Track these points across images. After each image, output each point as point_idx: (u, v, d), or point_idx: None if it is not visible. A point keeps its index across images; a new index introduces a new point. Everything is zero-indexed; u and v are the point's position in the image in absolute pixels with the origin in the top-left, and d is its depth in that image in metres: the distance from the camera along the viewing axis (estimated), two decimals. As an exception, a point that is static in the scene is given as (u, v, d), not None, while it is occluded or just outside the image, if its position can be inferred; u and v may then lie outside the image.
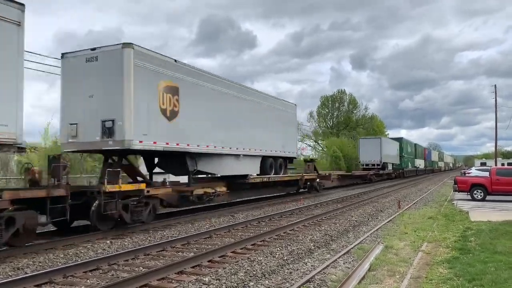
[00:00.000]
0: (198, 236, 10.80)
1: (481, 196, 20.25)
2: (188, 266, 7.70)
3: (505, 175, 20.05)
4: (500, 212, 15.77)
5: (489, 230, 11.27)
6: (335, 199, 22.68)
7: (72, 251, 9.21)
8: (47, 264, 8.13)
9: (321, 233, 11.46)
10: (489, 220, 13.02)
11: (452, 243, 9.78)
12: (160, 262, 8.28)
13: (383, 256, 8.62)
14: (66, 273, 7.17)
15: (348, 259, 8.55)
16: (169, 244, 9.76)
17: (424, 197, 24.22)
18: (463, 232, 11.22)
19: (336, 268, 7.83)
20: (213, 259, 8.35)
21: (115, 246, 9.88)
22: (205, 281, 6.80)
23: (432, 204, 19.93)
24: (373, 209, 17.57)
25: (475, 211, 16.04)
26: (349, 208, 17.91)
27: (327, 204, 19.95)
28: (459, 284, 6.42)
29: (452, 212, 15.72)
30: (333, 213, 16.08)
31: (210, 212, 15.83)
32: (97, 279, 7.09)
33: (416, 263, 8.01)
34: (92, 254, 8.96)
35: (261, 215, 15.58)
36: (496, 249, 8.79)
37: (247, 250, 9.36)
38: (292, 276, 7.25)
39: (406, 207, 18.37)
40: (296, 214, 16.17)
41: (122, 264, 8.07)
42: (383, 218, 14.84)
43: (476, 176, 23.01)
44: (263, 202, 19.85)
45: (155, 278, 6.91)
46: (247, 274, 7.21)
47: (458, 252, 8.74)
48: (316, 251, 9.41)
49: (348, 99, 74.79)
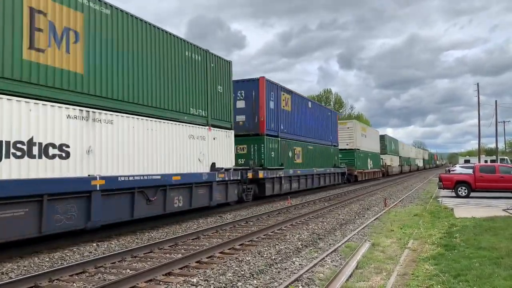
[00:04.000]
0: (185, 237, 10.75)
1: (465, 193, 20.59)
2: (176, 268, 7.66)
3: (488, 172, 20.41)
4: (484, 208, 16.03)
5: (473, 226, 11.45)
6: (322, 197, 22.81)
7: (57, 254, 9.08)
8: (32, 268, 8.00)
9: (308, 232, 11.51)
10: (473, 217, 13.23)
11: (437, 239, 9.92)
12: (147, 264, 8.23)
13: (370, 254, 8.70)
14: (51, 277, 7.06)
15: (336, 257, 8.60)
16: (157, 245, 9.70)
17: (410, 195, 24.50)
18: (448, 228, 11.38)
19: (324, 266, 7.87)
20: (201, 260, 8.33)
21: (101, 248, 9.78)
22: (193, 282, 6.78)
23: (417, 202, 20.19)
24: (360, 208, 17.71)
25: (459, 207, 16.28)
26: (336, 207, 18.03)
27: (314, 203, 20.05)
28: (444, 280, 6.51)
29: (437, 209, 15.94)
30: (320, 211, 16.17)
31: (197, 213, 15.78)
32: (84, 282, 7.01)
33: (403, 260, 8.10)
34: (78, 257, 8.85)
35: (248, 215, 15.59)
36: (480, 245, 8.94)
37: (235, 250, 9.36)
38: (280, 275, 7.27)
39: (392, 205, 18.57)
40: (284, 213, 16.21)
41: (109, 267, 7.99)
42: (370, 216, 14.97)
43: (460, 173, 23.36)
44: (253, 202, 19.83)
45: (142, 280, 6.86)
46: (235, 274, 7.20)
47: (444, 248, 8.86)
48: (303, 250, 9.44)
49: (334, 99, 75.45)
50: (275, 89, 21.81)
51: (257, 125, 20.54)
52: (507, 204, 16.76)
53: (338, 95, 77.15)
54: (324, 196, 24.29)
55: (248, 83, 20.82)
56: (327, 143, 30.79)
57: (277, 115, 21.96)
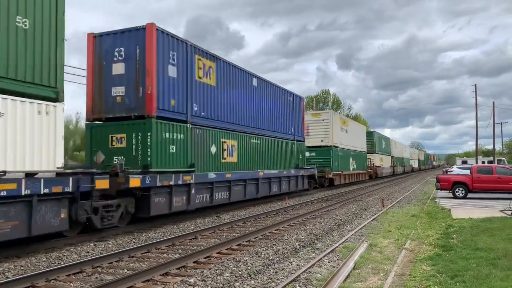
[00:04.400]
0: (183, 237, 10.74)
1: (462, 194, 20.64)
2: (174, 268, 7.65)
3: (485, 173, 20.46)
4: (481, 209, 16.07)
5: (470, 227, 11.47)
6: (320, 198, 22.81)
7: (54, 254, 9.06)
8: (29, 268, 7.98)
9: (306, 233, 11.52)
10: (470, 217, 13.25)
11: (434, 240, 9.93)
12: (145, 264, 8.22)
13: (368, 255, 8.71)
14: (48, 277, 7.05)
15: (333, 257, 8.61)
16: (154, 245, 9.68)
17: (408, 196, 24.55)
18: (445, 229, 11.40)
19: (321, 267, 7.87)
20: (199, 260, 8.32)
21: (99, 248, 9.76)
22: (191, 282, 6.77)
23: (415, 202, 20.22)
24: (358, 208, 17.73)
25: (457, 208, 16.32)
26: (334, 207, 18.04)
27: (312, 203, 20.05)
28: (441, 280, 6.52)
29: (435, 210, 15.97)
30: (318, 212, 16.18)
31: (195, 213, 15.77)
32: (81, 282, 6.99)
33: (400, 261, 8.11)
34: (75, 257, 8.83)
35: (246, 215, 15.58)
36: (477, 245, 8.96)
37: (232, 251, 9.35)
38: (278, 275, 7.27)
39: (389, 206, 18.60)
40: (281, 213, 16.22)
41: (106, 267, 7.97)
42: (367, 217, 14.99)
43: (458, 174, 23.41)
44: (249, 202, 19.82)
45: (140, 280, 6.85)
46: (232, 275, 7.20)
47: (441, 249, 8.87)
48: (301, 250, 9.44)
49: (332, 99, 75.50)
50: (180, 48, 14.17)
51: (142, 101, 12.79)
52: (504, 205, 16.79)
53: (336, 95, 77.26)
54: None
55: (130, 35, 13.14)
56: (286, 136, 23.57)
57: (185, 89, 14.37)
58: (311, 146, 30.86)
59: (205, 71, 15.66)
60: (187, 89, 14.47)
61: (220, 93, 16.70)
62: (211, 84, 16.03)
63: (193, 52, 14.92)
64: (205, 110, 15.55)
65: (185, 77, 14.41)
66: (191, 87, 14.74)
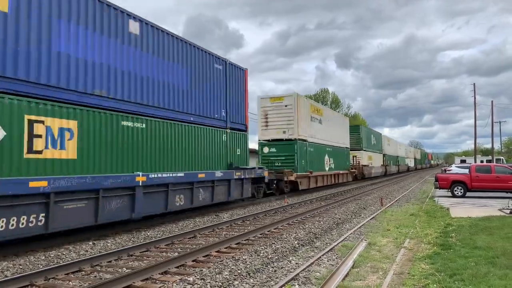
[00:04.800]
0: (182, 236, 10.74)
1: (461, 192, 20.67)
2: (173, 266, 7.65)
3: (484, 172, 20.49)
4: (480, 208, 16.10)
5: (469, 226, 11.49)
6: (318, 197, 22.83)
7: (53, 253, 9.06)
8: (27, 266, 7.97)
9: (305, 231, 11.52)
10: (469, 216, 13.28)
11: (433, 239, 9.95)
12: (144, 262, 8.21)
13: (367, 253, 8.72)
14: (47, 276, 7.05)
15: (332, 256, 8.62)
16: (153, 244, 9.69)
17: (406, 195, 24.57)
18: (444, 228, 11.41)
19: (320, 265, 7.88)
20: (198, 259, 8.32)
21: (97, 247, 9.76)
22: (190, 281, 6.77)
23: (414, 201, 20.24)
24: (356, 207, 17.74)
25: (455, 207, 16.35)
26: (333, 206, 18.05)
27: (310, 202, 20.07)
28: (440, 279, 6.53)
29: (433, 209, 16.00)
30: (316, 211, 16.19)
31: (194, 212, 15.76)
32: (80, 281, 6.99)
33: (399, 260, 8.13)
34: (74, 256, 8.83)
35: (245, 214, 15.58)
36: (476, 244, 8.97)
37: (231, 249, 9.36)
38: (277, 274, 7.27)
39: (388, 204, 18.62)
40: (280, 212, 16.22)
41: (105, 266, 7.97)
42: (366, 216, 15.00)
43: (456, 173, 23.44)
44: (248, 201, 19.83)
45: (139, 279, 6.84)
46: (231, 273, 7.20)
47: (440, 248, 8.89)
48: (300, 249, 9.45)
49: (331, 98, 75.53)
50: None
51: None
52: (502, 204, 16.82)
53: (335, 94, 77.19)
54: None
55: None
56: (210, 122, 16.21)
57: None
58: (270, 140, 24.80)
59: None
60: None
61: (23, 27, 9.02)
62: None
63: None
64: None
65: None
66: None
